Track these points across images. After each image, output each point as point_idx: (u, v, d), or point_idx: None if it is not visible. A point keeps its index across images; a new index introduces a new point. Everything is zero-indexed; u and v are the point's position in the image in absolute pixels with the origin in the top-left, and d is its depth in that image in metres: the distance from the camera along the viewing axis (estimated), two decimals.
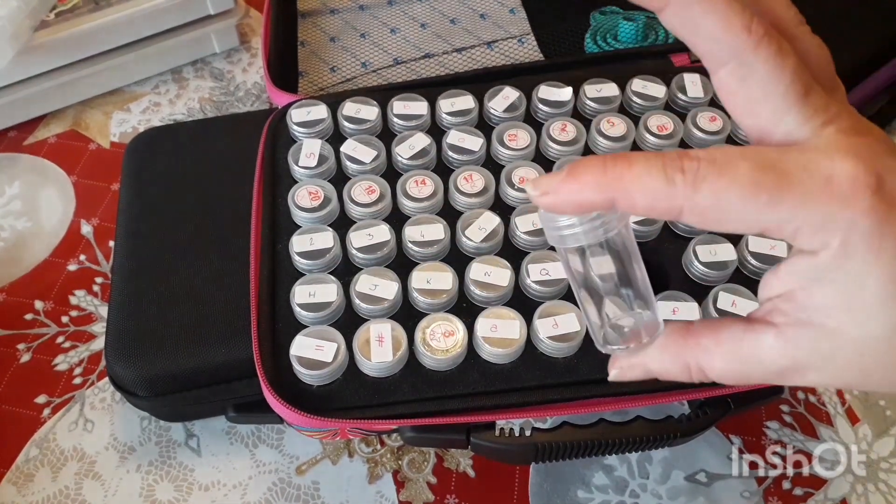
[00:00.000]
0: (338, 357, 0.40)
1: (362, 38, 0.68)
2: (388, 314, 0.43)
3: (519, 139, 0.50)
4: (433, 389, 0.41)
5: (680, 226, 0.46)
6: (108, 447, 0.52)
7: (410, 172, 0.48)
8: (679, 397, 0.42)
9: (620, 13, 0.67)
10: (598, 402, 0.41)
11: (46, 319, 0.58)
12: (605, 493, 0.50)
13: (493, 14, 0.70)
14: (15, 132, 0.70)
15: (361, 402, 0.41)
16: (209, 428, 0.53)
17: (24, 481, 0.51)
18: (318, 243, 0.45)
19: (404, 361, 0.41)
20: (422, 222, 0.46)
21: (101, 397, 0.55)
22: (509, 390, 0.41)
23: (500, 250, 0.46)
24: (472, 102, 0.52)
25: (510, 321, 0.42)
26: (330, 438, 0.45)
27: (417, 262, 0.45)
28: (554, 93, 0.53)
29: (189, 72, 0.75)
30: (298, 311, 0.42)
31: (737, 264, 0.45)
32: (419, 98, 0.52)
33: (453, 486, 0.51)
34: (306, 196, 0.47)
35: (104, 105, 0.73)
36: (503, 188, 0.48)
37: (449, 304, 0.43)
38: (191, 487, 0.51)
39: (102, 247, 0.63)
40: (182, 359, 0.47)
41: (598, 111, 0.52)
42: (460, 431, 0.41)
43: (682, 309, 0.42)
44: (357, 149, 0.49)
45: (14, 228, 0.64)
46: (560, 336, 0.41)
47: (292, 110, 0.51)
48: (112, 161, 0.68)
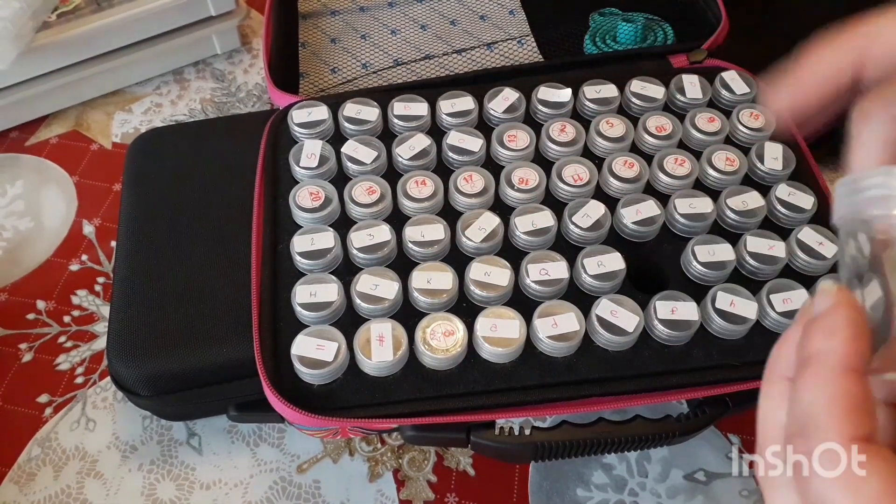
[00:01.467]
0: (339, 356, 0.41)
1: (363, 39, 0.69)
2: (388, 314, 0.43)
3: (518, 140, 0.50)
4: (433, 388, 0.41)
5: (678, 225, 0.47)
6: (110, 446, 0.53)
7: (411, 173, 0.48)
8: (678, 396, 0.42)
9: (619, 14, 0.68)
10: (597, 401, 0.42)
11: (48, 319, 0.59)
12: (604, 491, 0.51)
13: (493, 16, 0.71)
14: (17, 133, 0.71)
15: (362, 402, 0.41)
16: (210, 427, 0.53)
17: (25, 480, 0.51)
18: (318, 243, 0.45)
19: (405, 361, 0.42)
20: (422, 222, 0.46)
21: (102, 396, 0.55)
22: (509, 389, 0.42)
23: (500, 250, 0.46)
24: (472, 103, 0.52)
25: (510, 321, 0.42)
26: (331, 437, 0.45)
27: (418, 263, 0.45)
28: (553, 94, 0.53)
29: (190, 73, 0.75)
30: (300, 311, 0.43)
31: (735, 264, 0.45)
32: (419, 99, 0.52)
33: (453, 485, 0.51)
34: (307, 196, 0.47)
35: (106, 105, 0.73)
36: (503, 189, 0.48)
37: (449, 304, 0.44)
38: (192, 486, 0.51)
39: (104, 247, 0.63)
40: (184, 358, 0.47)
41: (597, 112, 0.53)
42: (460, 430, 0.41)
43: (680, 308, 0.42)
44: (358, 149, 0.49)
45: (16, 229, 0.64)
46: (559, 335, 0.41)
47: (293, 111, 0.51)
48: (114, 161, 0.68)
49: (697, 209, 0.46)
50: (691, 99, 0.53)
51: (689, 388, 0.42)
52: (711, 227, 0.47)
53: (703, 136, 0.51)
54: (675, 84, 0.54)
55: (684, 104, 0.53)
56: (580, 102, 0.53)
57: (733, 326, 0.42)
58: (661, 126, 0.51)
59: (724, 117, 0.52)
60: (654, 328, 0.42)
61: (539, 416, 0.43)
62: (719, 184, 0.49)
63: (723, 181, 0.49)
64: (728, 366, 0.42)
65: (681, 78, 0.54)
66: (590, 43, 0.66)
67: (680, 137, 0.51)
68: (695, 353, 0.42)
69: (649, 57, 0.59)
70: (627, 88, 0.53)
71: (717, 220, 0.47)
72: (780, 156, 0.49)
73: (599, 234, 0.46)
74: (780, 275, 0.45)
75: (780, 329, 0.43)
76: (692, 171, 0.48)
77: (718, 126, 0.51)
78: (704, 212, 0.46)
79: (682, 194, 0.47)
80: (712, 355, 0.42)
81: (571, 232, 0.46)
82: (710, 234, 0.46)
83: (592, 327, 0.42)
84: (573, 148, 0.50)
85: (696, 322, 0.42)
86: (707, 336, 0.43)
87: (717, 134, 0.51)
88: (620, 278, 0.44)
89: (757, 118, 0.51)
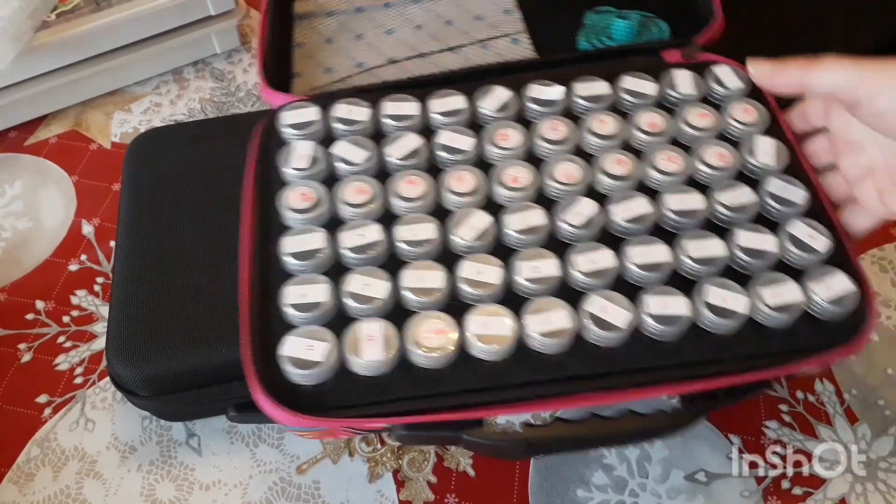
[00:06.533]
0: (329, 357, 0.41)
1: (358, 39, 0.69)
2: (379, 313, 0.43)
3: (510, 138, 0.50)
4: (425, 387, 0.41)
5: (669, 221, 0.46)
6: (109, 447, 0.53)
7: (402, 173, 0.49)
8: (670, 391, 0.42)
9: (614, 11, 0.68)
10: (589, 397, 0.42)
11: (47, 319, 0.59)
12: (604, 492, 0.51)
13: (489, 15, 0.71)
14: (16, 132, 0.71)
15: (353, 402, 0.41)
16: (210, 427, 0.54)
17: (25, 481, 0.52)
18: (308, 244, 0.45)
19: (396, 360, 0.42)
20: (413, 222, 0.46)
21: (101, 397, 0.55)
22: (501, 387, 0.41)
23: (492, 249, 0.46)
24: (463, 102, 0.52)
25: (501, 318, 0.42)
26: (321, 437, 0.45)
27: (409, 262, 0.45)
28: (544, 91, 0.53)
29: (190, 72, 0.76)
30: (289, 312, 0.43)
31: (727, 259, 0.45)
32: (410, 98, 0.52)
33: (453, 486, 0.51)
34: (297, 197, 0.47)
35: (105, 105, 0.73)
36: (494, 187, 0.48)
37: (440, 303, 0.44)
38: (191, 487, 0.51)
39: (103, 247, 0.63)
40: (183, 358, 0.48)
41: (589, 109, 0.52)
42: (452, 429, 0.41)
43: (671, 303, 0.42)
44: (348, 150, 0.49)
45: (15, 229, 0.65)
46: (551, 332, 0.41)
47: (283, 112, 0.51)
48: (113, 161, 0.69)
49: (688, 205, 0.46)
50: (683, 94, 0.53)
51: (680, 383, 0.42)
52: (703, 222, 0.47)
53: (695, 131, 0.51)
54: (667, 80, 0.54)
55: (677, 100, 0.53)
56: (572, 100, 0.53)
57: (724, 321, 0.42)
58: (653, 122, 0.51)
59: (717, 112, 0.52)
60: (646, 323, 0.42)
61: (531, 412, 0.43)
62: (711, 179, 0.48)
63: (715, 177, 0.48)
64: (719, 360, 0.42)
65: (673, 74, 0.54)
66: (584, 41, 0.66)
67: (672, 133, 0.51)
68: (686, 347, 0.42)
69: (642, 52, 0.58)
70: (619, 85, 0.53)
71: (708, 216, 0.47)
72: (773, 150, 0.49)
73: (591, 231, 0.46)
74: (772, 269, 0.45)
75: (772, 323, 0.42)
76: (684, 168, 0.48)
77: (710, 121, 0.51)
78: (696, 208, 0.46)
79: (674, 191, 0.47)
80: (703, 350, 0.42)
81: (563, 230, 0.46)
82: (701, 229, 0.46)
83: (584, 324, 0.42)
84: (565, 146, 0.50)
85: (688, 317, 0.42)
86: (698, 331, 0.43)
87: (709, 129, 0.51)
88: (612, 275, 0.44)
89: (749, 113, 0.51)
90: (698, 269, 0.44)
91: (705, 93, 0.54)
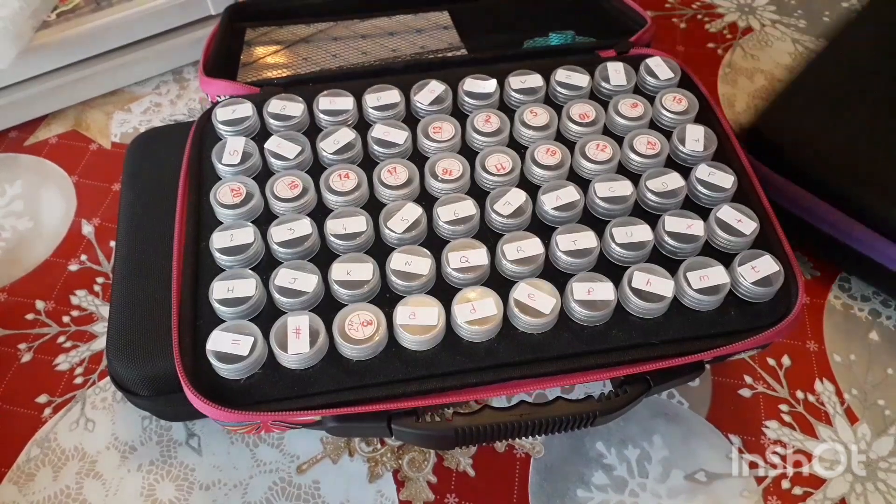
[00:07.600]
0: (254, 351, 0.40)
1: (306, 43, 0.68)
2: (308, 307, 0.43)
3: (444, 131, 0.51)
4: (353, 379, 0.41)
5: (598, 209, 0.47)
6: (109, 447, 0.53)
7: (334, 167, 0.49)
8: (598, 377, 0.42)
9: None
10: (517, 384, 0.42)
11: (47, 319, 0.58)
12: (604, 492, 0.51)
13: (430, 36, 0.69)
14: (16, 132, 0.71)
15: (281, 395, 0.41)
16: (210, 427, 0.53)
17: (25, 481, 0.51)
18: (238, 239, 0.45)
19: (323, 352, 0.42)
20: (344, 215, 0.46)
21: (101, 397, 0.55)
22: (430, 376, 0.41)
23: (423, 241, 0.46)
24: (398, 97, 0.52)
25: (428, 308, 0.42)
26: (254, 432, 0.45)
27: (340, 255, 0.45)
28: (479, 85, 0.53)
29: (190, 72, 0.75)
30: (217, 307, 0.43)
31: (654, 244, 0.45)
32: (345, 94, 0.52)
33: (453, 486, 0.51)
34: (228, 193, 0.47)
35: (105, 105, 0.73)
36: (427, 180, 0.48)
37: (370, 295, 0.44)
38: (192, 487, 0.51)
39: (103, 247, 0.63)
40: None
41: (522, 102, 0.53)
42: (381, 419, 0.41)
43: (596, 289, 0.42)
44: (281, 145, 0.49)
45: (15, 229, 0.64)
46: (478, 320, 0.42)
47: (217, 109, 0.51)
48: (113, 161, 0.68)
49: (617, 192, 0.47)
50: (616, 86, 0.53)
51: (609, 368, 0.42)
52: (633, 209, 0.47)
53: (626, 121, 0.51)
54: (601, 72, 0.54)
55: (609, 91, 0.54)
56: (506, 93, 0.53)
57: (650, 305, 0.42)
58: (585, 113, 0.51)
59: (648, 103, 0.52)
60: (572, 309, 0.42)
61: (460, 401, 0.43)
62: (641, 167, 0.49)
63: (645, 164, 0.49)
64: (647, 344, 0.42)
65: (605, 66, 0.54)
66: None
67: (604, 124, 0.51)
68: (613, 332, 0.42)
69: (580, 52, 0.58)
70: (553, 78, 0.54)
71: (638, 203, 0.48)
72: (702, 137, 0.50)
73: (521, 220, 0.46)
74: (701, 253, 0.45)
75: (698, 306, 0.43)
76: (613, 156, 0.49)
77: (641, 111, 0.51)
78: (624, 194, 0.47)
79: (603, 178, 0.48)
80: (631, 334, 0.42)
81: (493, 220, 0.46)
82: (630, 216, 0.46)
83: (511, 311, 0.42)
84: (498, 137, 0.50)
85: (613, 301, 0.42)
86: (625, 315, 0.43)
87: (640, 119, 0.51)
88: (539, 262, 0.44)
89: (680, 102, 0.52)
90: (626, 255, 0.44)
91: (637, 83, 0.54)
